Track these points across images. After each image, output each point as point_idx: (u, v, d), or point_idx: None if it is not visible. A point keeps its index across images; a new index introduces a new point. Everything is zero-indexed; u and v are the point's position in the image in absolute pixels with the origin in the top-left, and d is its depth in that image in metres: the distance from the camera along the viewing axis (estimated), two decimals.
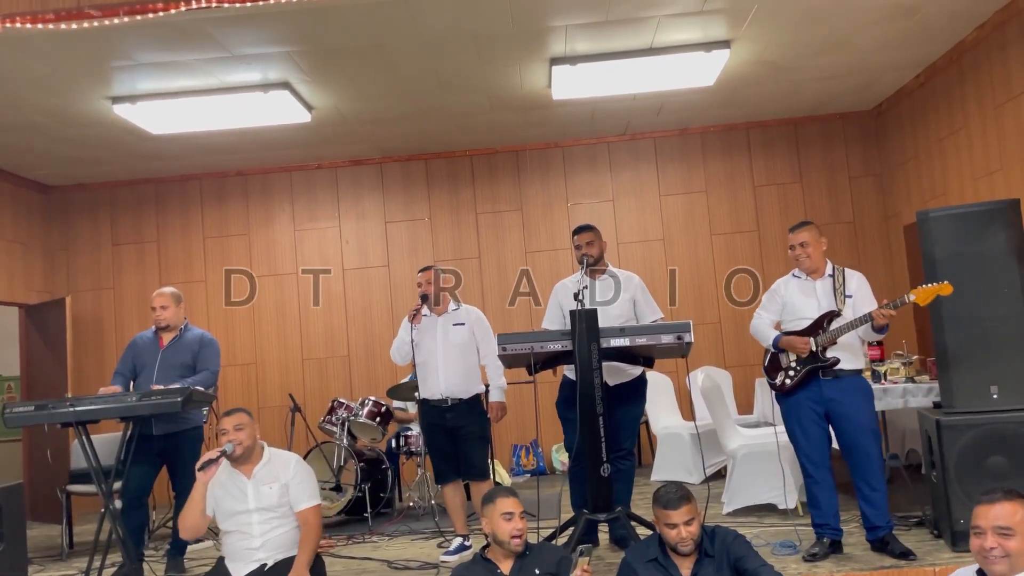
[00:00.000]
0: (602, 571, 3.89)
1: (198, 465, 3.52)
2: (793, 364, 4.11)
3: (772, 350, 4.21)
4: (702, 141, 7.77)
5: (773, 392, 4.26)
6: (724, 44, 5.56)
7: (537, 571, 3.01)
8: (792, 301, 4.19)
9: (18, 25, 4.14)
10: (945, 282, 3.85)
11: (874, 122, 7.62)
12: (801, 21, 5.34)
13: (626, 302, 4.41)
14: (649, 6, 4.94)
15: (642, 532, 4.05)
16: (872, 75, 6.60)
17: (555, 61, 5.64)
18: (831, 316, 4.04)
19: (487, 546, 3.14)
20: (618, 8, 4.93)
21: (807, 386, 4.06)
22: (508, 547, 3.05)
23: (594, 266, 4.46)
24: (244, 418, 3.66)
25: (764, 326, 4.27)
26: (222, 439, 3.62)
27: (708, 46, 5.56)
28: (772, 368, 4.22)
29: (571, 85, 6.03)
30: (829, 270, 4.17)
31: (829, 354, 4.01)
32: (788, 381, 4.11)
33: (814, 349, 4.01)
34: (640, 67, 5.77)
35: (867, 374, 4.91)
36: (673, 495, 3.08)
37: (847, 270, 4.19)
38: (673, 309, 7.49)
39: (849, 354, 4.03)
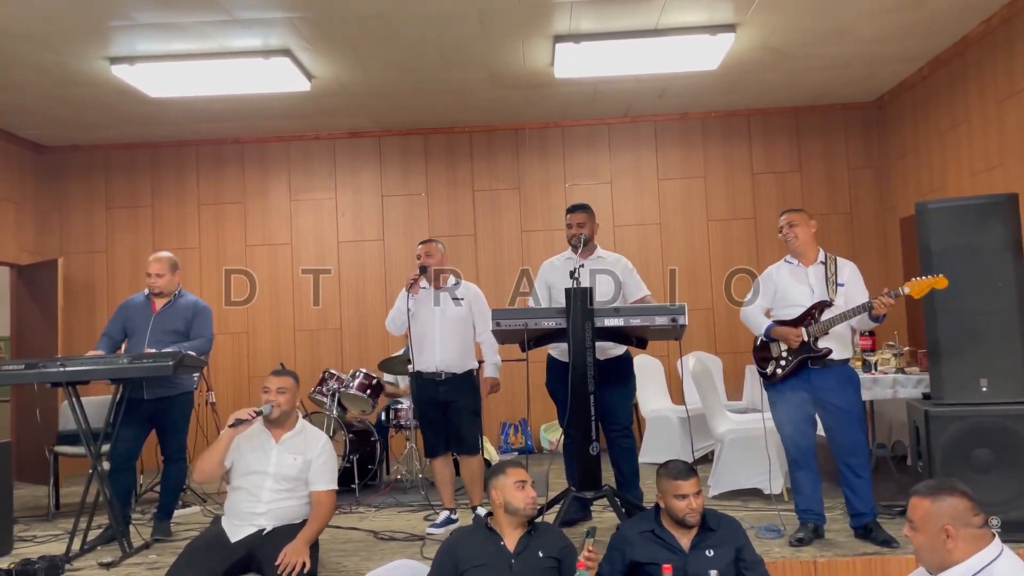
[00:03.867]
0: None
1: (231, 420, 3.52)
2: (784, 354, 4.11)
3: (763, 338, 4.20)
4: (703, 126, 7.75)
5: (761, 380, 4.27)
6: (729, 28, 5.53)
7: (541, 553, 3.01)
8: (784, 287, 4.18)
9: None
10: (940, 275, 3.86)
11: (876, 114, 7.61)
12: (807, 8, 5.31)
13: (614, 284, 4.42)
14: None
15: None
16: (875, 66, 6.58)
17: (559, 38, 5.60)
18: (823, 306, 4.04)
19: (490, 515, 3.14)
20: None
21: (796, 375, 4.07)
22: (524, 513, 3.04)
23: (584, 246, 4.47)
24: (289, 382, 3.70)
25: (755, 313, 4.25)
26: (264, 396, 3.62)
27: (713, 29, 5.52)
28: (762, 356, 4.22)
29: (574, 64, 5.99)
30: (821, 257, 4.17)
31: (821, 344, 4.02)
32: (779, 371, 4.11)
33: (805, 339, 4.02)
34: (644, 48, 5.73)
35: (857, 364, 4.95)
36: (683, 466, 3.14)
37: (839, 259, 4.18)
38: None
39: (839, 344, 4.04)
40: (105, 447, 4.57)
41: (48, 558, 4.04)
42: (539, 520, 3.24)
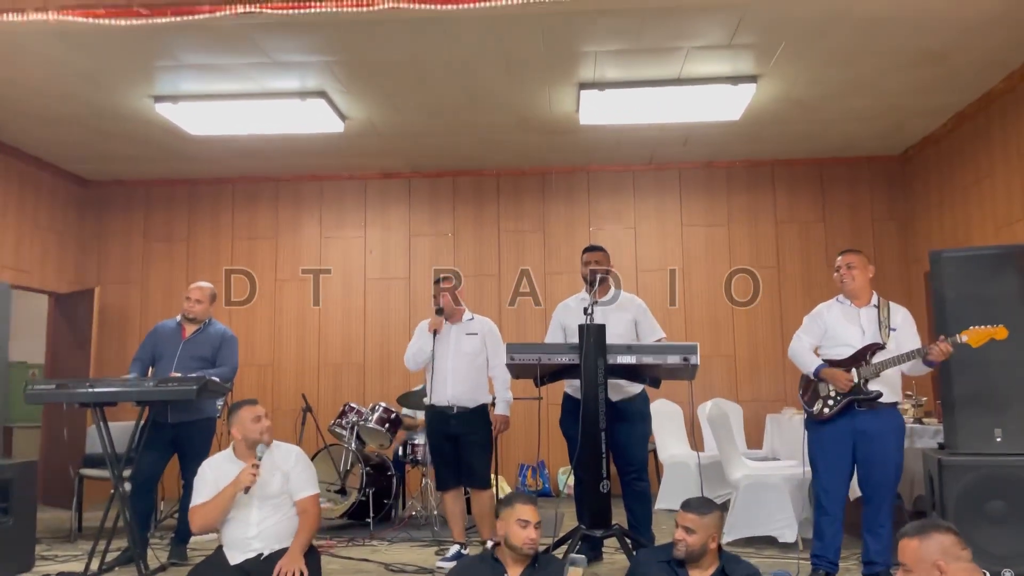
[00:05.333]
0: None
1: (243, 487, 3.56)
2: (833, 394, 4.05)
3: (812, 378, 4.17)
4: (727, 175, 7.84)
5: (805, 418, 4.23)
6: (751, 79, 5.65)
7: None
8: (834, 325, 4.16)
9: (71, 18, 4.33)
10: (1001, 326, 3.76)
11: (900, 167, 7.64)
12: (828, 61, 5.42)
13: (627, 322, 4.46)
14: (679, 37, 5.05)
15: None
16: (899, 120, 6.64)
17: (584, 86, 5.76)
18: (874, 348, 4.01)
19: (497, 545, 3.19)
20: (648, 37, 5.04)
21: (842, 415, 4.02)
22: (520, 551, 3.11)
23: (602, 283, 4.47)
24: (262, 409, 3.76)
25: (804, 351, 4.22)
26: (255, 426, 3.66)
27: (735, 80, 5.64)
28: (809, 395, 4.18)
29: (599, 111, 6.14)
30: (874, 300, 4.16)
31: (872, 387, 3.98)
32: (827, 410, 4.05)
33: (856, 381, 3.98)
34: (667, 96, 5.88)
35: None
36: (692, 502, 3.19)
37: (892, 303, 4.16)
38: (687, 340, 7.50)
39: (889, 388, 4.00)
40: (127, 472, 4.68)
41: (67, 575, 4.13)
42: (543, 552, 3.27)
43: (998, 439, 3.90)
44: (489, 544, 3.20)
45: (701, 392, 7.28)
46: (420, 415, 6.45)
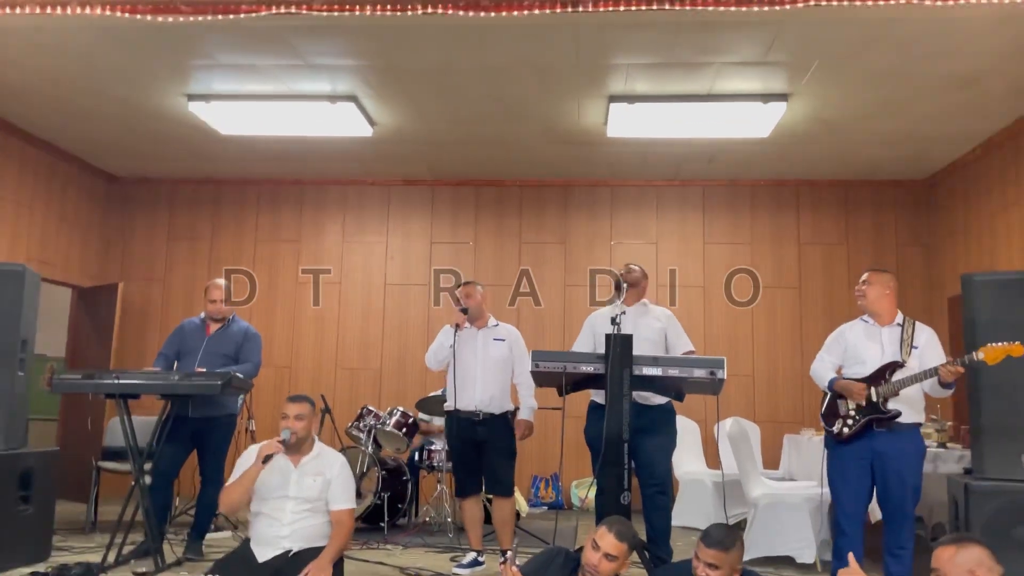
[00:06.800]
0: None
1: (262, 458, 3.58)
2: (852, 413, 4.03)
3: (827, 392, 4.16)
4: (751, 193, 7.83)
5: (825, 438, 4.21)
6: (782, 97, 5.66)
7: None
8: (855, 344, 4.15)
9: (116, 14, 4.39)
10: (1017, 343, 3.70)
11: (926, 192, 7.62)
12: (860, 82, 5.42)
13: (658, 331, 4.45)
14: (711, 52, 5.06)
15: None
16: (927, 145, 6.62)
17: (613, 99, 5.79)
18: (894, 367, 3.98)
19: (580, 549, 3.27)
20: (680, 51, 5.06)
21: (860, 437, 4.00)
22: (584, 572, 3.16)
23: (633, 286, 4.45)
24: (307, 408, 3.77)
25: (824, 369, 4.22)
26: (282, 423, 3.70)
27: (766, 97, 5.66)
28: (830, 414, 4.16)
29: (627, 124, 6.16)
30: (899, 319, 4.13)
31: (891, 406, 3.95)
32: (846, 430, 4.03)
33: (874, 400, 3.96)
34: (696, 112, 5.89)
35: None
36: (714, 534, 3.05)
37: (918, 323, 4.14)
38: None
39: (909, 407, 3.97)
40: (147, 466, 4.69)
41: (84, 564, 4.15)
42: None
43: None
44: (509, 553, 3.19)
45: (719, 410, 7.21)
46: (437, 420, 6.45)
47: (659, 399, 4.35)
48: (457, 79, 5.59)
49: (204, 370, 4.72)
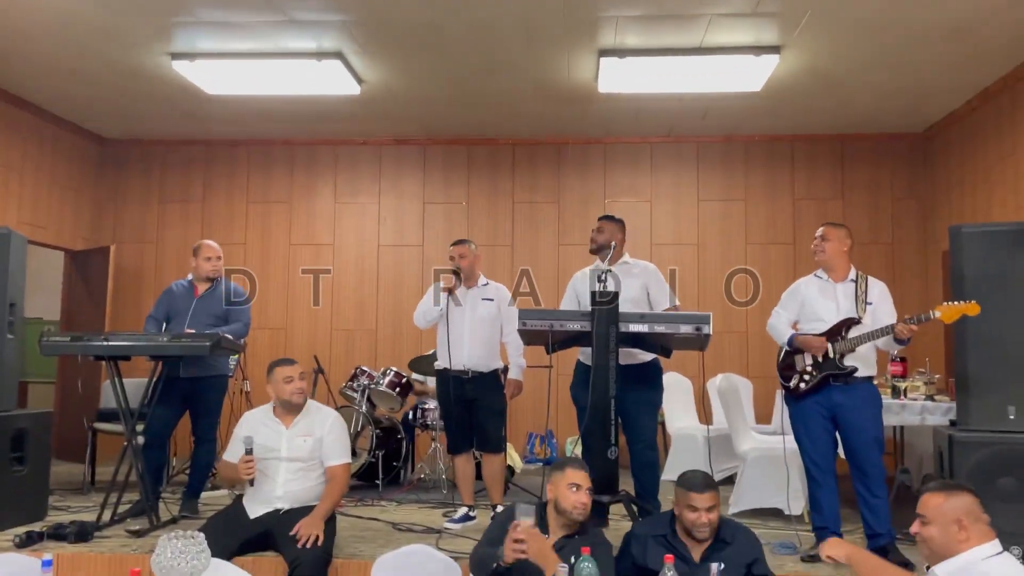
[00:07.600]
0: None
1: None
2: (809, 368, 4.09)
3: (787, 348, 4.20)
4: (745, 149, 7.76)
5: (783, 394, 4.26)
6: (774, 49, 5.57)
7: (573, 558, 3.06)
8: (810, 300, 4.18)
9: None
10: (972, 301, 3.81)
11: (922, 145, 7.54)
12: (853, 33, 5.32)
13: (639, 287, 4.43)
14: (702, 3, 4.97)
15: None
16: (923, 96, 6.54)
17: (604, 53, 5.69)
18: (850, 323, 4.03)
19: (545, 505, 3.21)
20: (671, 2, 4.97)
21: (818, 391, 4.06)
22: (570, 515, 3.09)
23: (597, 252, 4.48)
24: (296, 370, 3.83)
25: (781, 324, 4.27)
26: (288, 387, 3.75)
27: (758, 50, 5.56)
28: (786, 369, 4.22)
29: (618, 79, 6.07)
30: (852, 275, 4.16)
31: (847, 362, 4.00)
32: (803, 385, 4.10)
33: (831, 356, 4.00)
34: (688, 66, 5.80)
35: (887, 390, 4.89)
36: (700, 479, 3.11)
37: (871, 278, 4.16)
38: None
39: (862, 363, 4.03)
40: (140, 427, 4.73)
41: (79, 523, 4.20)
42: (592, 526, 3.23)
43: (1011, 416, 3.87)
44: (499, 508, 3.20)
45: (712, 367, 7.25)
46: (431, 382, 6.48)
47: (645, 356, 4.36)
48: (445, 34, 5.50)
49: (193, 331, 4.72)
